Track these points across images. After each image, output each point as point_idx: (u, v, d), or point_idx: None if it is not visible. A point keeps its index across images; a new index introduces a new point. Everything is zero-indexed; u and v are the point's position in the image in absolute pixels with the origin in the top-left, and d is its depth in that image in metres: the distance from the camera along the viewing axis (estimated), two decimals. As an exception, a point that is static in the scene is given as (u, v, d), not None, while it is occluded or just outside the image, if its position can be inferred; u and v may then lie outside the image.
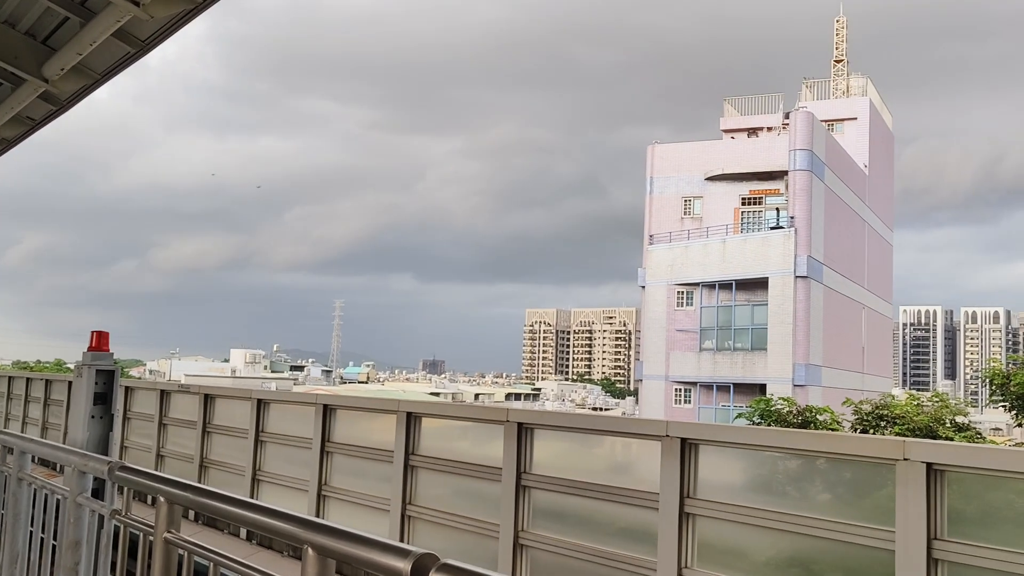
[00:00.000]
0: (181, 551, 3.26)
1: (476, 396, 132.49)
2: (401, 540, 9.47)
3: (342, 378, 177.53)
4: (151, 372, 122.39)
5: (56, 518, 4.75)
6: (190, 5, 6.81)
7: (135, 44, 8.06)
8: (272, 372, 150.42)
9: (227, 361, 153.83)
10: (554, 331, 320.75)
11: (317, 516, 10.95)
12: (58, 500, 4.73)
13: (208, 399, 14.10)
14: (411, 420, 9.82)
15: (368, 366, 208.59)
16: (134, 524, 3.81)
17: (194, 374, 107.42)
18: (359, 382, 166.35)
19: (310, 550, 2.37)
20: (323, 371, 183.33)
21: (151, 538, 3.43)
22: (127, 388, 16.79)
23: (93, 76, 9.06)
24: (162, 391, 15.60)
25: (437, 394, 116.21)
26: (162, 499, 3.28)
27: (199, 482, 13.75)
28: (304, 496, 11.34)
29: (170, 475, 3.63)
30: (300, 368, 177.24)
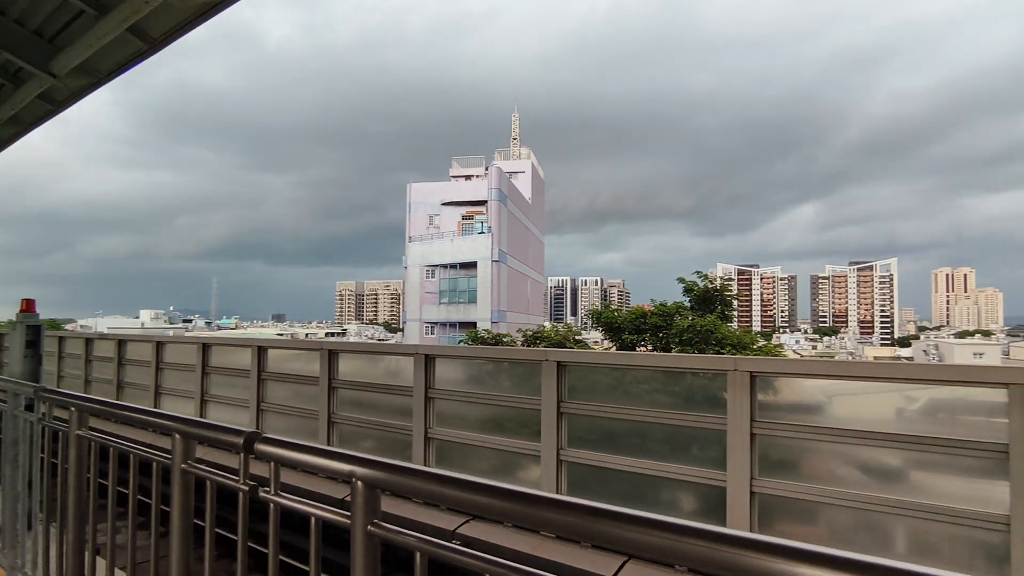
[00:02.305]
0: (90, 441, 2.82)
1: (306, 335, 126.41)
2: (256, 427, 8.83)
3: (219, 326, 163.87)
4: (81, 326, 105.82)
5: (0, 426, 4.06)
6: (94, 79, 5.84)
7: (55, 104, 6.85)
8: (170, 324, 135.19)
9: (138, 318, 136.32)
10: (354, 295, 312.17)
11: (200, 415, 9.99)
12: (1, 412, 4.02)
13: (121, 342, 12.44)
14: (261, 351, 9.15)
15: (236, 318, 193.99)
16: (55, 426, 3.26)
17: (114, 327, 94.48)
18: (231, 328, 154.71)
19: (177, 435, 2.09)
20: (206, 323, 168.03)
21: (68, 434, 2.94)
22: (61, 337, 14.49)
23: (23, 124, 7.64)
24: (86, 338, 13.58)
25: (282, 334, 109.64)
26: (73, 408, 2.81)
27: (117, 399, 12.11)
28: (191, 402, 10.28)
29: (87, 395, 3.14)
30: (189, 321, 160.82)
